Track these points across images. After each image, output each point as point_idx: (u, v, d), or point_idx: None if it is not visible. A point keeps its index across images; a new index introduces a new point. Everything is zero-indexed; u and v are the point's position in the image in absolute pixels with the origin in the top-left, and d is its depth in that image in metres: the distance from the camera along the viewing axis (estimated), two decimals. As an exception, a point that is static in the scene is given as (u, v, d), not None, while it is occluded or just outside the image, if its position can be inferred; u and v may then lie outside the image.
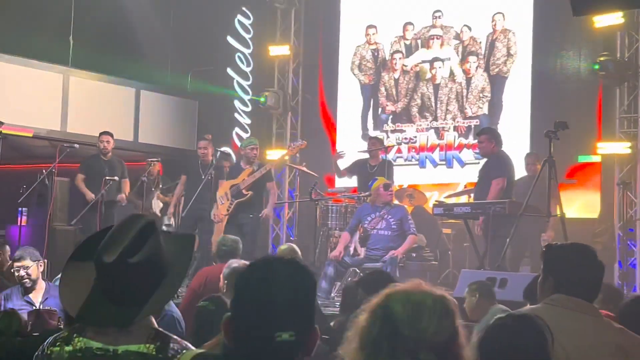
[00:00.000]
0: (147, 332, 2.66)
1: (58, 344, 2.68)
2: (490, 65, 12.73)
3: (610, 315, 4.17)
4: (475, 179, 10.66)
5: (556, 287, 3.59)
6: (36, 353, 2.71)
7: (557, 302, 3.56)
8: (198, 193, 10.68)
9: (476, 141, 10.73)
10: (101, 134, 11.34)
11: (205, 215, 10.59)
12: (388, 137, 13.34)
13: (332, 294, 9.64)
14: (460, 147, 12.84)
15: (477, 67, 12.83)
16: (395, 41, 13.56)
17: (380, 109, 13.61)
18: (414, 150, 13.22)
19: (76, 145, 11.06)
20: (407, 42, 13.49)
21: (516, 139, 11.41)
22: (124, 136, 13.71)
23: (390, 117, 13.49)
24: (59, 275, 6.71)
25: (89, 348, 2.64)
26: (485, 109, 12.72)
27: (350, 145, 12.69)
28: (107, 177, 11.03)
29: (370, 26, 13.82)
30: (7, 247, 8.66)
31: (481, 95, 12.77)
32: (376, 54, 13.75)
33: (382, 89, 13.61)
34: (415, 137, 13.24)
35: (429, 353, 2.16)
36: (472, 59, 12.87)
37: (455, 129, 12.92)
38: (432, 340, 2.17)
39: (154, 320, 2.74)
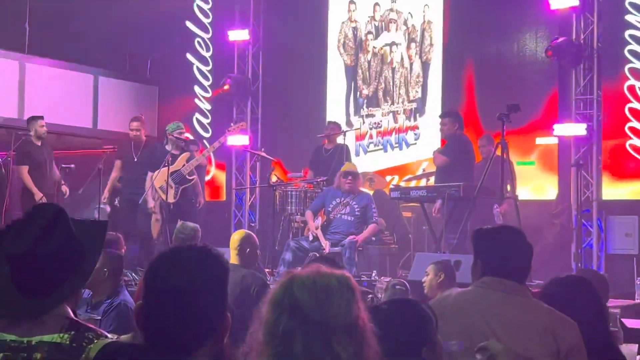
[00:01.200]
0: (61, 321, 2.65)
1: None
2: (422, 53, 13.10)
3: None
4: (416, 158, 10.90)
5: (485, 270, 3.67)
6: None
7: (485, 284, 3.63)
8: (133, 178, 10.83)
9: (415, 124, 10.89)
10: (37, 118, 11.08)
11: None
12: (363, 122, 13.46)
13: None
14: (406, 130, 13.11)
15: (415, 54, 13.15)
16: (368, 21, 13.63)
17: (358, 93, 13.69)
18: (380, 135, 13.37)
19: (31, 133, 10.97)
20: (376, 24, 13.56)
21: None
22: (82, 123, 13.73)
23: (365, 101, 13.59)
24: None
25: (2, 341, 2.63)
26: (420, 93, 13.08)
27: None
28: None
29: (351, 1, 13.82)
30: None
31: (417, 80, 13.11)
32: (355, 32, 13.76)
33: (359, 71, 13.66)
34: (381, 121, 13.38)
35: (342, 334, 2.19)
36: (412, 45, 13.19)
37: (404, 112, 13.16)
38: (343, 322, 2.20)
39: (69, 309, 2.72)
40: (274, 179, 11.21)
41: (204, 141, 13.55)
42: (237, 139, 13.06)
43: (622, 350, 4.43)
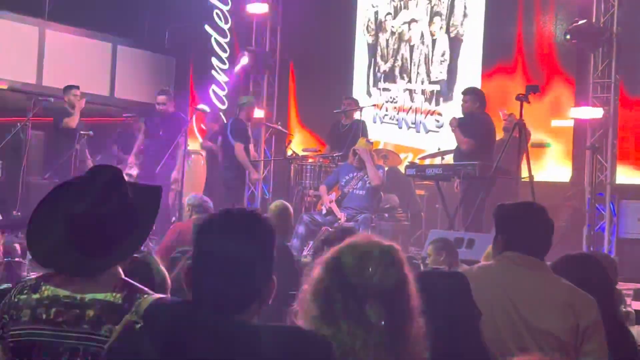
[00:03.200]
0: (113, 281, 2.72)
1: (25, 291, 2.74)
2: (450, 27, 12.92)
3: None
4: (436, 147, 11.15)
5: (506, 244, 3.72)
6: (3, 301, 2.77)
7: (507, 258, 3.69)
8: (156, 149, 10.92)
9: (436, 109, 11.23)
10: (72, 87, 11.24)
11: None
12: (380, 95, 13.60)
13: (304, 252, 9.67)
14: (425, 113, 13.08)
15: (440, 28, 13.02)
16: (387, 2, 13.73)
17: (376, 68, 13.82)
18: (395, 110, 13.46)
19: (51, 99, 11.09)
20: (395, 4, 13.66)
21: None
22: (99, 91, 13.85)
23: (382, 76, 13.71)
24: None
25: (56, 296, 2.71)
26: (444, 74, 12.93)
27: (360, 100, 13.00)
28: (82, 132, 11.10)
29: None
30: None
31: (442, 59, 12.98)
32: (376, 15, 13.93)
33: (379, 48, 13.82)
34: (397, 97, 13.46)
35: (375, 301, 2.30)
36: (436, 19, 13.06)
37: (422, 92, 13.16)
38: (378, 288, 2.31)
39: (120, 269, 2.80)
40: (289, 152, 11.31)
41: (220, 113, 13.70)
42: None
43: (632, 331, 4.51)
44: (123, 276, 2.77)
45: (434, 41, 13.06)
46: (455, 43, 12.83)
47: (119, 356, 2.28)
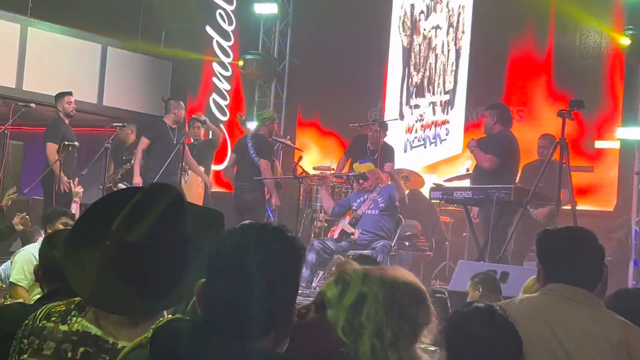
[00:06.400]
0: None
1: (53, 319, 2.71)
2: (457, 39, 13.88)
3: None
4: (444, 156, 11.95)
5: (551, 275, 3.77)
6: (26, 322, 2.74)
7: (553, 291, 3.73)
8: (169, 158, 11.02)
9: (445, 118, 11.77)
10: (65, 94, 11.52)
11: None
12: (412, 114, 14.11)
13: (314, 284, 9.95)
14: (441, 124, 13.82)
15: (452, 40, 13.92)
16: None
17: (410, 80, 14.30)
18: (422, 129, 14.01)
19: (32, 105, 11.25)
20: (427, 2, 14.16)
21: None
22: (86, 98, 14.22)
23: (414, 90, 14.20)
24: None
25: (86, 333, 2.66)
26: (452, 84, 13.76)
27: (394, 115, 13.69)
28: (67, 142, 11.24)
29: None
30: None
31: (452, 69, 13.80)
32: (412, 10, 14.34)
33: (412, 54, 14.28)
34: (424, 113, 14.01)
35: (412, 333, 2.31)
36: (451, 30, 13.96)
37: (440, 104, 13.89)
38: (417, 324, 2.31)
39: (166, 314, 2.68)
40: (299, 170, 11.43)
41: (221, 125, 14.23)
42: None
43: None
44: None
45: (448, 51, 13.78)
46: (458, 54, 13.76)
47: None
